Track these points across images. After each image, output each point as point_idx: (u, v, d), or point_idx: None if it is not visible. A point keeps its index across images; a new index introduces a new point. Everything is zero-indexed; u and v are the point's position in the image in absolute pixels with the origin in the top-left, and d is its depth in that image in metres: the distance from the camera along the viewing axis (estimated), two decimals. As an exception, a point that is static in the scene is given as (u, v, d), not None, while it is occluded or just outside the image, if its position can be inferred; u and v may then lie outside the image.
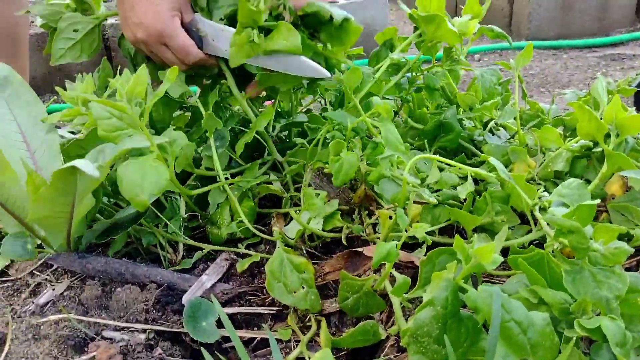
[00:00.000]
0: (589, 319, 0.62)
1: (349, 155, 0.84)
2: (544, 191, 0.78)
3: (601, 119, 0.86)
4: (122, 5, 0.94)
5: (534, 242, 0.82)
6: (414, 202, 0.86)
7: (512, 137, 1.16)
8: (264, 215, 1.03)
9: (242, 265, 0.91)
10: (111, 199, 1.03)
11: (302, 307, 0.81)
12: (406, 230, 0.72)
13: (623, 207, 0.88)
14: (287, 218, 0.98)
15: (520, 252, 0.72)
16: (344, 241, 0.90)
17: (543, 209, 0.75)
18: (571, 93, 1.17)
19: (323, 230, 0.90)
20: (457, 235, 0.64)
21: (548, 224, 0.71)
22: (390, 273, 0.75)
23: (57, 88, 0.87)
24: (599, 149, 0.93)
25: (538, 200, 0.76)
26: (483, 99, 1.17)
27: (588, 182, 0.91)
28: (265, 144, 1.07)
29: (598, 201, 0.68)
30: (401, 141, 0.85)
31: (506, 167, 0.95)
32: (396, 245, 0.69)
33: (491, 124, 1.17)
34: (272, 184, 1.02)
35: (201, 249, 0.95)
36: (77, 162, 0.72)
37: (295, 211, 0.94)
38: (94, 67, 1.11)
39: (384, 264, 0.78)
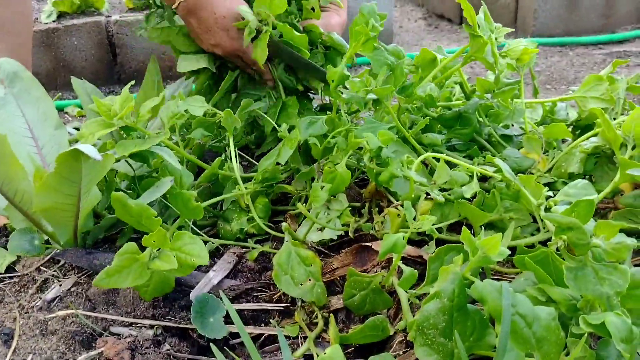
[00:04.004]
0: (596, 315, 0.61)
1: (342, 169, 0.84)
2: (548, 191, 0.78)
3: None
4: (198, 25, 1.09)
5: (542, 242, 0.82)
6: (425, 197, 0.86)
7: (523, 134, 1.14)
8: (277, 212, 1.04)
9: (252, 255, 0.92)
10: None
11: (309, 299, 0.81)
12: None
13: (629, 206, 0.88)
14: (300, 218, 0.98)
15: (527, 251, 0.71)
16: (351, 235, 0.90)
17: (549, 209, 0.75)
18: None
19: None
20: (464, 227, 0.64)
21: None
22: (399, 269, 0.75)
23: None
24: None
25: (544, 200, 0.76)
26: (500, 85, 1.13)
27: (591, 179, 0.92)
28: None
29: (599, 197, 0.68)
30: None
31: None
32: (403, 237, 0.69)
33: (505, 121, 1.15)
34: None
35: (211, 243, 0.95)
36: (81, 146, 0.72)
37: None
38: (98, 65, 1.10)
39: (392, 263, 0.78)
